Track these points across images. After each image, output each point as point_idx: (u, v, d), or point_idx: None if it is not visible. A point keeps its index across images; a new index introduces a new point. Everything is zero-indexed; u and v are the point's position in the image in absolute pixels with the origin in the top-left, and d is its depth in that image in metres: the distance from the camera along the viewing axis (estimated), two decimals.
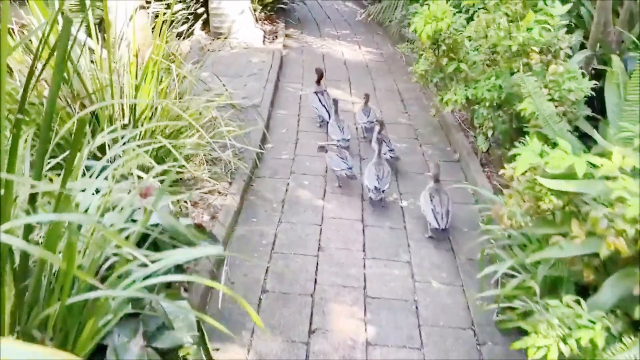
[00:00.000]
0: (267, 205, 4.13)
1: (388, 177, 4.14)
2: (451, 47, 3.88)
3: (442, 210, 3.80)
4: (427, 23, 3.75)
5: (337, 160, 4.39)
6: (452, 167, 4.94)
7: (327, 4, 12.39)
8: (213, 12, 8.14)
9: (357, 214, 4.10)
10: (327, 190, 4.44)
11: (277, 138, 5.35)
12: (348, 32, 9.83)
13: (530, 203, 2.13)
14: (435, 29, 3.72)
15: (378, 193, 4.06)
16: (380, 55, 8.50)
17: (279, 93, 6.57)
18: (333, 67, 7.67)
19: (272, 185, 4.46)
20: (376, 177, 4.07)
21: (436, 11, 3.74)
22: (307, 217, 4.03)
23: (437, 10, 3.75)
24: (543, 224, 2.13)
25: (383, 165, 4.18)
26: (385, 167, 4.18)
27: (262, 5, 9.07)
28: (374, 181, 4.06)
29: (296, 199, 4.27)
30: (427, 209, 3.85)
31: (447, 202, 3.88)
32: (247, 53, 7.77)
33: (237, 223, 3.89)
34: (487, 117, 3.76)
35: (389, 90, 6.88)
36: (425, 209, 3.88)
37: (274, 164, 4.81)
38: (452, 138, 5.41)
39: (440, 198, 3.88)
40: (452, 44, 3.86)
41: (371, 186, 4.07)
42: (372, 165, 4.20)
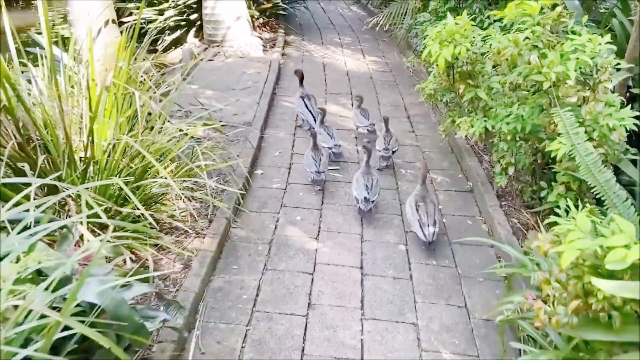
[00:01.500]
0: (251, 248, 3.59)
1: (377, 186, 3.95)
2: (469, 73, 3.29)
3: (428, 221, 3.59)
4: (444, 46, 3.16)
5: (309, 159, 4.30)
6: (464, 198, 4.37)
7: (331, 9, 11.86)
8: (207, 18, 7.62)
9: (355, 259, 3.55)
10: (321, 227, 3.88)
11: (269, 162, 4.80)
12: (352, 40, 9.28)
13: (577, 301, 1.58)
14: (454, 54, 3.13)
15: (367, 204, 3.86)
16: (385, 64, 7.95)
17: (274, 109, 6.02)
18: (334, 80, 7.12)
19: (259, 221, 3.91)
20: (365, 187, 3.88)
21: (453, 31, 3.14)
22: (297, 263, 3.48)
23: (454, 30, 3.14)
24: (595, 327, 1.58)
25: (371, 175, 3.96)
26: (374, 176, 3.97)
27: (260, 11, 8.54)
28: (363, 191, 3.87)
29: (285, 239, 3.72)
30: (413, 220, 3.66)
31: (434, 211, 3.66)
32: (242, 63, 7.23)
33: (215, 271, 3.35)
34: (508, 151, 3.19)
35: (395, 106, 6.32)
36: (411, 219, 3.70)
37: (262, 195, 4.26)
38: (464, 164, 4.84)
39: (426, 207, 3.66)
40: (470, 71, 3.27)
41: (360, 197, 3.88)
42: (360, 175, 3.98)
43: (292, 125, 5.63)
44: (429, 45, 3.27)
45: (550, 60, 2.57)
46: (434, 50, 3.20)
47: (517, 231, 3.79)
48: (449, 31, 3.14)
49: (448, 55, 3.09)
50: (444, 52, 3.10)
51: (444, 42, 3.16)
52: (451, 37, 3.14)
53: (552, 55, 2.59)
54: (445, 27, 3.18)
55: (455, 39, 3.10)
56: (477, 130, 3.23)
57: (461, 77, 3.29)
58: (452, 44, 3.11)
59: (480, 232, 3.92)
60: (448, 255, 3.67)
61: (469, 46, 3.09)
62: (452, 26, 3.14)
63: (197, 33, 8.03)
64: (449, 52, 3.08)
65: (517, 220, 3.92)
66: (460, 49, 3.07)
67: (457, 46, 3.09)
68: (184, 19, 7.94)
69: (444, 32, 3.15)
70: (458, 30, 3.13)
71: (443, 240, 3.81)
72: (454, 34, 3.11)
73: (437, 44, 3.18)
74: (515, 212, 4.04)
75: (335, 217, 4.02)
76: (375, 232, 3.85)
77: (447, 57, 3.10)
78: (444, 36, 3.14)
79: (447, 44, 3.13)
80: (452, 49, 3.08)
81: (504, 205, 4.10)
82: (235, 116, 5.54)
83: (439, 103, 4.69)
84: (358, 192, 3.91)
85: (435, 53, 3.17)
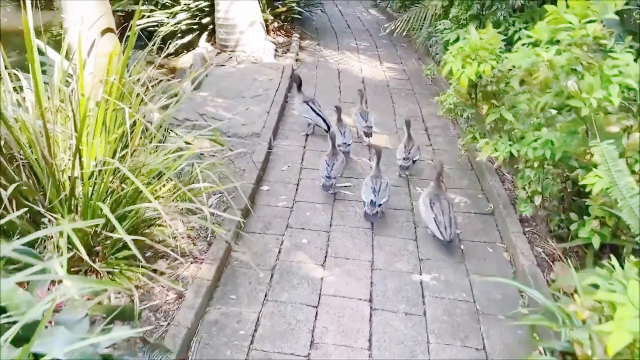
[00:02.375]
0: (252, 275, 3.33)
1: (386, 190, 3.85)
2: (494, 92, 2.97)
3: (444, 220, 3.57)
4: (467, 63, 2.84)
5: (323, 164, 4.20)
6: (484, 221, 4.06)
7: (349, 12, 11.58)
8: (219, 22, 7.40)
9: (364, 291, 3.27)
10: (329, 252, 3.61)
11: (276, 177, 4.54)
12: (369, 45, 8.98)
13: None
14: (477, 72, 2.81)
15: (374, 207, 3.77)
16: (402, 72, 7.63)
17: (284, 118, 5.76)
18: (349, 87, 6.82)
19: (262, 244, 3.65)
20: (372, 190, 3.80)
21: (477, 46, 2.82)
22: (301, 294, 3.21)
23: (479, 46, 2.82)
24: None
25: (380, 178, 3.87)
26: (383, 180, 3.88)
27: (274, 15, 8.29)
28: (370, 194, 3.80)
29: (289, 265, 3.46)
30: (429, 218, 3.64)
31: (449, 209, 3.63)
32: (254, 69, 6.99)
33: (212, 301, 3.10)
34: (534, 179, 2.88)
35: (411, 117, 5.95)
36: (426, 217, 3.67)
37: (267, 214, 4.00)
38: (484, 183, 4.51)
39: (441, 205, 3.62)
40: (495, 91, 2.95)
41: (367, 200, 3.80)
42: (369, 178, 3.91)
43: (302, 136, 5.36)
44: (450, 61, 2.95)
45: (589, 84, 2.26)
46: (455, 67, 2.89)
47: (542, 262, 3.47)
48: (472, 46, 2.82)
49: (471, 74, 2.78)
50: (466, 71, 2.79)
51: (466, 59, 2.84)
52: (475, 53, 2.83)
53: (592, 78, 2.27)
54: (469, 42, 2.86)
55: (480, 55, 2.79)
56: (502, 156, 2.92)
57: (485, 96, 2.98)
58: (476, 61, 2.80)
59: (501, 262, 3.61)
60: (465, 287, 3.36)
61: (495, 64, 2.77)
62: (476, 41, 2.82)
63: (210, 37, 7.82)
64: (472, 70, 2.77)
65: (541, 249, 3.60)
66: (485, 67, 2.76)
67: (481, 63, 2.78)
68: (196, 22, 7.74)
69: (467, 47, 2.83)
70: (482, 46, 2.81)
71: (460, 270, 3.51)
72: (479, 49, 2.79)
73: (459, 60, 2.87)
74: (540, 239, 3.72)
75: (345, 240, 3.75)
76: (387, 259, 3.57)
77: (471, 77, 2.79)
78: (467, 52, 2.82)
79: (470, 61, 2.82)
80: (475, 67, 2.77)
81: (527, 231, 3.78)
82: (244, 126, 5.29)
83: (459, 118, 4.37)
84: (365, 196, 3.83)
85: (457, 71, 2.86)
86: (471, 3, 5.06)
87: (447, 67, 3.00)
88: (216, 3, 7.30)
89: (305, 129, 5.39)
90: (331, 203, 4.20)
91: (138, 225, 3.04)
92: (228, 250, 3.43)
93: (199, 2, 7.63)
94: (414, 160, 4.54)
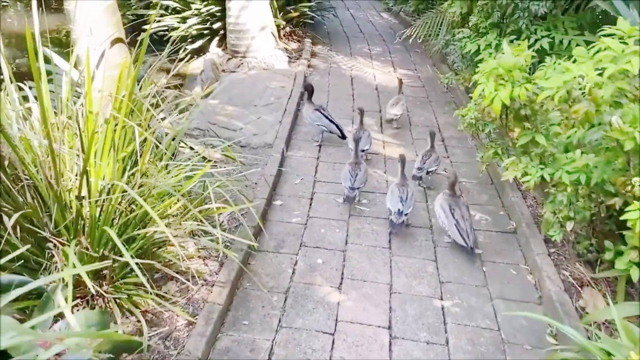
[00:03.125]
0: (265, 299, 3.18)
1: (412, 199, 3.77)
2: (527, 116, 2.78)
3: (466, 226, 3.55)
4: (500, 85, 2.65)
5: (346, 174, 4.11)
6: (505, 241, 3.89)
7: (360, 16, 11.42)
8: (231, 27, 7.27)
9: (382, 317, 3.11)
10: (345, 274, 3.46)
11: (289, 191, 4.39)
12: (382, 50, 8.82)
13: None
14: (512, 95, 2.62)
15: (400, 216, 3.68)
16: (417, 78, 7.46)
17: (297, 128, 5.62)
18: (362, 95, 6.68)
19: (275, 264, 3.50)
20: (399, 200, 3.71)
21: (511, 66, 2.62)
22: (317, 320, 3.06)
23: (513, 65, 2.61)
24: None
25: (406, 187, 3.80)
26: (409, 188, 3.80)
27: (286, 20, 8.15)
28: (397, 204, 3.70)
29: (304, 288, 3.30)
30: (449, 224, 3.60)
31: (469, 215, 3.63)
32: (265, 76, 6.85)
33: (223, 327, 2.96)
34: (567, 205, 2.71)
35: (427, 126, 5.82)
36: (447, 222, 3.62)
37: (280, 231, 3.86)
38: (506, 199, 4.34)
39: (461, 211, 3.60)
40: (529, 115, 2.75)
41: (394, 209, 3.71)
42: (395, 186, 3.83)
43: (315, 146, 5.21)
44: (481, 83, 2.76)
45: (634, 116, 2.08)
46: (488, 90, 2.70)
47: (570, 287, 3.30)
48: (506, 66, 2.63)
49: (505, 98, 2.59)
50: (500, 94, 2.60)
51: (499, 80, 2.66)
52: (508, 74, 2.65)
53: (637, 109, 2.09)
54: (502, 61, 2.66)
55: (514, 76, 2.60)
56: (533, 180, 2.74)
57: (516, 118, 2.80)
58: (509, 83, 2.62)
59: (525, 285, 3.44)
60: (489, 314, 3.20)
61: (530, 86, 2.58)
62: (509, 60, 2.63)
63: (221, 42, 7.70)
64: (506, 93, 2.58)
65: (569, 273, 3.43)
66: (520, 90, 2.57)
67: (515, 86, 2.59)
68: (207, 27, 7.62)
69: (500, 68, 2.64)
70: (517, 65, 2.62)
71: (482, 294, 3.34)
72: (513, 69, 2.61)
73: (492, 82, 2.68)
74: (567, 262, 3.55)
75: (361, 260, 3.59)
76: (406, 282, 3.41)
77: (505, 100, 2.60)
78: (501, 72, 2.64)
79: (503, 84, 2.63)
80: (509, 90, 2.59)
81: (552, 252, 3.61)
82: (256, 136, 5.16)
83: (480, 132, 4.20)
84: (392, 204, 3.74)
85: (490, 94, 2.68)
86: (491, 11, 4.89)
87: (478, 89, 2.81)
88: (227, 8, 7.18)
89: (319, 138, 5.25)
90: (346, 219, 4.04)
91: (147, 248, 2.91)
92: (240, 271, 3.29)
93: (210, 6, 7.51)
94: (429, 172, 4.38)
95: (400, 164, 3.94)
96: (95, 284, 2.79)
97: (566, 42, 4.59)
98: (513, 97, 2.61)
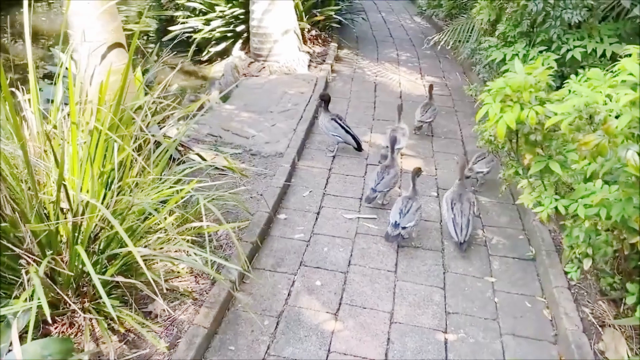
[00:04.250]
0: (255, 322, 3.01)
1: (415, 214, 3.66)
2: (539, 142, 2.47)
3: (462, 221, 3.66)
4: (507, 107, 2.34)
5: (374, 175, 4.17)
6: (523, 269, 3.59)
7: (392, 20, 11.14)
8: (254, 30, 7.15)
9: (379, 350, 2.88)
10: (343, 299, 3.24)
11: (295, 204, 4.21)
12: (410, 56, 8.53)
13: None
14: (519, 118, 2.32)
15: (396, 228, 3.62)
16: (445, 87, 7.15)
17: (312, 137, 5.42)
18: (385, 103, 6.42)
19: (271, 284, 3.32)
20: (399, 211, 3.66)
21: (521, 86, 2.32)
22: (307, 350, 2.86)
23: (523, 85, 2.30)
24: None
25: (413, 200, 3.73)
26: (415, 203, 3.71)
27: (312, 23, 7.98)
28: (396, 215, 3.67)
29: (298, 313, 3.11)
30: (448, 217, 3.75)
31: (469, 210, 3.71)
32: (285, 81, 6.69)
33: (208, 352, 2.80)
34: (584, 241, 2.41)
35: (450, 139, 5.56)
36: (446, 216, 3.78)
37: (281, 248, 3.67)
38: (526, 223, 4.04)
39: (461, 206, 3.71)
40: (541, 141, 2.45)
41: (392, 220, 3.68)
42: (401, 198, 3.79)
43: (329, 158, 5.01)
44: (487, 103, 2.49)
45: None
46: (492, 111, 2.43)
47: (589, 327, 2.99)
48: (514, 86, 2.34)
49: (511, 121, 2.30)
50: (505, 117, 2.32)
51: (506, 101, 2.37)
52: (517, 94, 2.35)
53: None
54: (511, 80, 2.37)
55: (524, 97, 2.31)
56: (546, 212, 2.46)
57: (527, 143, 2.51)
58: (518, 105, 2.33)
59: (540, 321, 3.15)
60: (496, 351, 2.93)
61: (541, 109, 2.29)
62: (519, 78, 2.34)
63: (244, 45, 7.59)
64: (512, 116, 2.29)
65: (589, 310, 3.12)
66: (529, 113, 2.28)
67: (525, 108, 2.30)
68: (230, 30, 7.52)
69: (508, 88, 2.35)
70: (528, 85, 2.33)
71: (492, 329, 3.07)
72: (524, 89, 2.32)
73: (498, 102, 2.40)
74: (588, 296, 3.24)
75: (363, 284, 3.37)
76: (408, 311, 3.17)
77: (510, 124, 2.32)
78: (509, 93, 2.35)
79: (510, 105, 2.35)
80: (517, 112, 2.30)
81: (573, 286, 3.30)
82: (267, 144, 5.00)
83: (500, 150, 3.90)
84: (391, 215, 3.74)
85: (495, 116, 2.40)
86: (520, 19, 4.57)
87: (482, 111, 2.54)
88: (251, 11, 7.06)
89: (333, 149, 5.05)
90: (352, 237, 3.83)
91: (132, 265, 2.78)
92: (233, 289, 3.12)
93: (234, 9, 7.41)
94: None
95: (412, 178, 3.83)
96: (75, 300, 2.69)
97: (600, 51, 4.24)
98: (521, 120, 2.33)
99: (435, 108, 5.51)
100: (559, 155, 2.45)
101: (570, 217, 2.50)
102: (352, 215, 4.08)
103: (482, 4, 5.34)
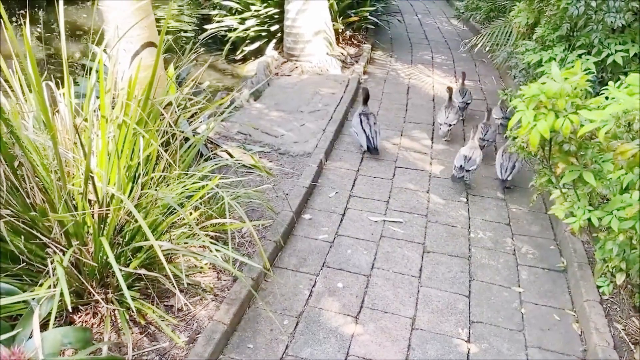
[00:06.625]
0: (274, 321, 3.00)
1: (477, 161, 4.30)
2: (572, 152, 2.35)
3: (508, 165, 4.29)
4: (541, 114, 2.23)
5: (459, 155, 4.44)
6: (553, 281, 3.47)
7: (428, 22, 11.00)
8: (287, 30, 7.17)
9: (399, 356, 2.82)
10: (365, 302, 3.20)
11: (321, 205, 4.19)
12: (445, 59, 8.40)
13: None
14: (554, 127, 2.21)
15: (461, 171, 4.29)
16: (479, 91, 7.01)
17: (342, 137, 5.39)
18: (416, 105, 6.34)
19: (292, 284, 3.31)
20: (463, 158, 4.30)
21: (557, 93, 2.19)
22: (325, 351, 2.83)
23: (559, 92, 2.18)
24: None
25: (476, 149, 4.34)
26: (478, 152, 4.34)
27: (346, 24, 7.95)
28: (461, 160, 4.31)
29: (318, 314, 3.09)
30: (497, 163, 4.39)
31: (516, 159, 4.28)
32: (317, 81, 6.69)
33: (226, 349, 2.80)
34: (619, 255, 2.30)
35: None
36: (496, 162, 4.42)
37: (304, 248, 3.66)
38: (558, 233, 3.90)
39: (509, 155, 4.27)
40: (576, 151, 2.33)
41: (457, 164, 4.31)
42: (466, 148, 4.39)
43: (358, 157, 4.98)
44: (520, 110, 2.38)
45: None
46: (525, 119, 2.32)
47: (621, 344, 2.86)
48: (550, 93, 2.23)
49: (545, 130, 2.19)
50: (539, 125, 2.22)
51: (540, 108, 2.26)
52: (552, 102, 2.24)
53: None
54: (546, 87, 2.25)
55: (558, 104, 2.20)
56: (578, 223, 2.36)
57: (561, 151, 2.40)
58: (553, 112, 2.22)
59: (569, 335, 3.03)
60: None
61: (576, 118, 2.17)
62: (555, 86, 2.22)
63: (278, 45, 7.62)
64: (546, 125, 2.18)
65: (622, 327, 2.98)
66: (564, 122, 2.17)
67: (560, 116, 2.19)
68: (264, 29, 7.56)
69: (542, 95, 2.24)
70: (563, 92, 2.21)
71: (517, 340, 2.97)
72: (558, 97, 2.20)
73: (531, 110, 2.29)
74: (620, 312, 3.10)
75: (385, 289, 3.32)
76: (431, 318, 3.10)
77: (544, 133, 2.22)
78: (543, 100, 2.24)
79: (544, 113, 2.24)
80: (551, 121, 2.20)
81: (606, 300, 3.17)
82: (296, 144, 4.99)
83: (532, 157, 3.79)
84: (456, 160, 4.35)
85: (527, 124, 2.30)
86: (560, 23, 4.42)
87: (514, 118, 2.44)
88: (285, 10, 7.08)
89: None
90: (376, 240, 3.78)
91: (155, 258, 2.81)
92: (255, 286, 3.11)
93: (269, 8, 7.45)
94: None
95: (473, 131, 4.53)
96: (99, 291, 2.74)
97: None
98: (555, 129, 2.22)
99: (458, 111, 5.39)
100: (594, 164, 2.34)
101: (604, 229, 2.39)
102: (377, 218, 4.03)
103: (520, 6, 5.20)
